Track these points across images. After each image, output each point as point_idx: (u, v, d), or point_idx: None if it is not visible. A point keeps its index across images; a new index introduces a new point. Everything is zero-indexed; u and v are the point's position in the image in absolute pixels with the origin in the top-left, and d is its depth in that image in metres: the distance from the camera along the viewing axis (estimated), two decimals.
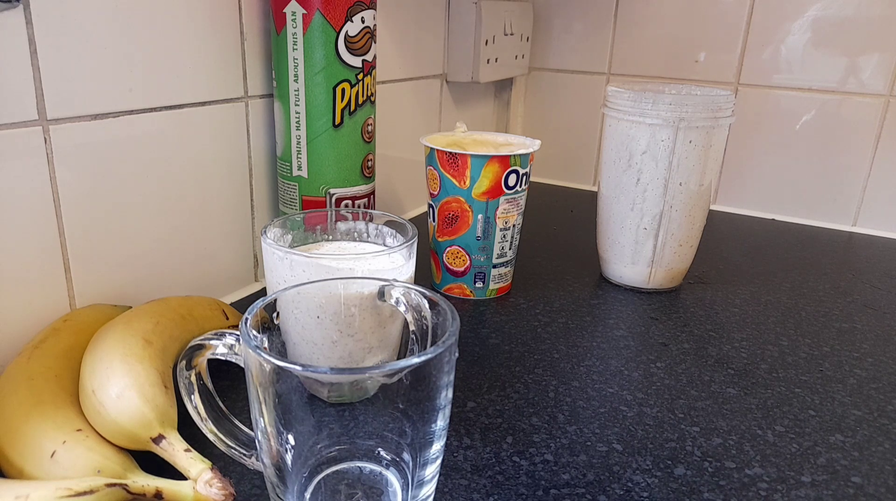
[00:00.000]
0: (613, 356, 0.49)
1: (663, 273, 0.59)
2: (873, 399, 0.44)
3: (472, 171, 0.52)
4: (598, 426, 0.40)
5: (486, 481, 0.35)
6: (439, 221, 0.56)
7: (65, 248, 0.42)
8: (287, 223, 0.42)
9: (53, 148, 0.41)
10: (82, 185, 0.43)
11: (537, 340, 0.50)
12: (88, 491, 0.28)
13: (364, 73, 0.52)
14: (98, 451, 0.32)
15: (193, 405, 0.32)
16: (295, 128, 0.52)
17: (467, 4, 0.77)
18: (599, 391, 0.44)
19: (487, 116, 0.94)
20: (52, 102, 0.40)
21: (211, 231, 0.53)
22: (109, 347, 0.35)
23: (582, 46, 0.91)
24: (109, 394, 0.33)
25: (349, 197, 0.54)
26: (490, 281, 0.57)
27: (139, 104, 0.45)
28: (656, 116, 0.53)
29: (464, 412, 0.41)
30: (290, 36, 0.50)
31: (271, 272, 0.38)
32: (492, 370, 0.46)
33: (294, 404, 0.28)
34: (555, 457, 0.37)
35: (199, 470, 0.31)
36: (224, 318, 0.44)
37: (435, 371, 0.28)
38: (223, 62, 0.51)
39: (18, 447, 0.31)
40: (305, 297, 0.33)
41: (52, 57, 0.40)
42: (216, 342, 0.30)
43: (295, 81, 0.51)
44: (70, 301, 0.43)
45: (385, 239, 0.43)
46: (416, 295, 0.33)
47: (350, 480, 0.31)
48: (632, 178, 0.56)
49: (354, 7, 0.50)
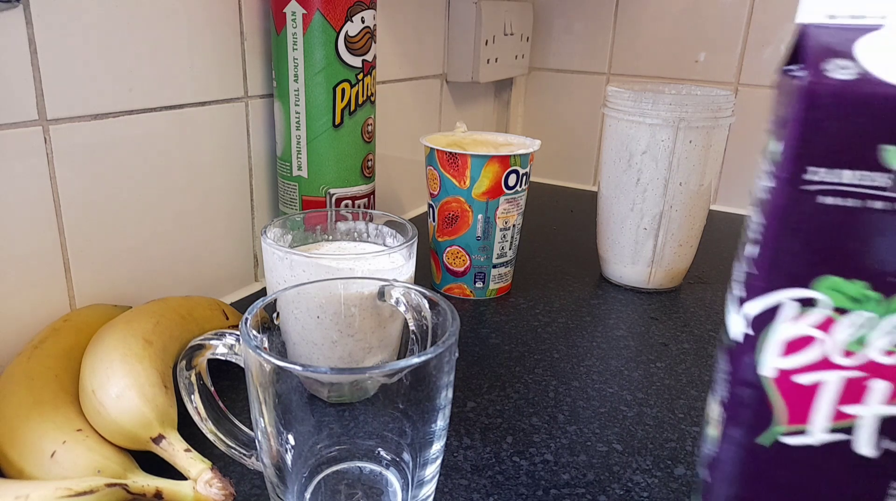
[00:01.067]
0: (613, 356, 0.49)
1: (663, 273, 0.59)
2: None
3: (472, 171, 0.52)
4: (599, 426, 0.40)
5: (486, 481, 0.35)
6: (439, 221, 0.56)
7: (65, 248, 0.43)
8: (287, 223, 0.42)
9: (53, 148, 0.41)
10: (82, 185, 0.43)
11: (537, 340, 0.51)
12: (88, 491, 0.28)
13: (364, 73, 0.52)
14: (98, 451, 0.32)
15: (193, 406, 0.32)
16: (295, 128, 0.52)
17: (467, 4, 0.77)
18: (599, 391, 0.44)
19: (487, 116, 0.94)
20: (52, 102, 0.40)
21: (211, 231, 0.53)
22: (109, 347, 0.35)
23: (582, 46, 0.91)
24: (109, 394, 0.33)
25: (349, 197, 0.54)
26: (490, 281, 0.57)
27: (139, 104, 0.45)
28: (656, 116, 0.53)
29: (464, 412, 0.41)
30: (290, 36, 0.50)
31: (271, 272, 0.38)
32: (492, 370, 0.46)
33: (294, 404, 0.28)
34: (555, 457, 0.37)
35: (199, 470, 0.31)
36: (224, 318, 0.44)
37: (435, 371, 0.28)
38: (223, 62, 0.51)
39: (18, 447, 0.31)
40: (305, 297, 0.33)
41: (52, 57, 0.40)
42: (216, 342, 0.30)
43: (295, 81, 0.51)
44: (70, 301, 0.44)
45: (385, 239, 0.43)
46: (416, 295, 0.33)
47: (350, 480, 0.31)
48: (632, 178, 0.56)
49: (354, 7, 0.50)
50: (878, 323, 0.24)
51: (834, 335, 0.25)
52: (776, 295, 0.25)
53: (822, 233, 0.24)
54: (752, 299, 0.26)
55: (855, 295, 0.24)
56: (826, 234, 0.24)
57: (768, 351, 0.26)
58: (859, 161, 0.22)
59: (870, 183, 0.22)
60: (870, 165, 0.22)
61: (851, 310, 0.24)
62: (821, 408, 0.26)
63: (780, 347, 0.25)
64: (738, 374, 0.27)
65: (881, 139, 0.22)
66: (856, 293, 0.24)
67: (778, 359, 0.26)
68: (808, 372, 0.25)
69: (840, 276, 0.24)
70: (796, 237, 0.24)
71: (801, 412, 0.26)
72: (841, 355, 0.25)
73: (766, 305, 0.25)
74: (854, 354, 0.25)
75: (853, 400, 0.25)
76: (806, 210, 0.24)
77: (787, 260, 0.25)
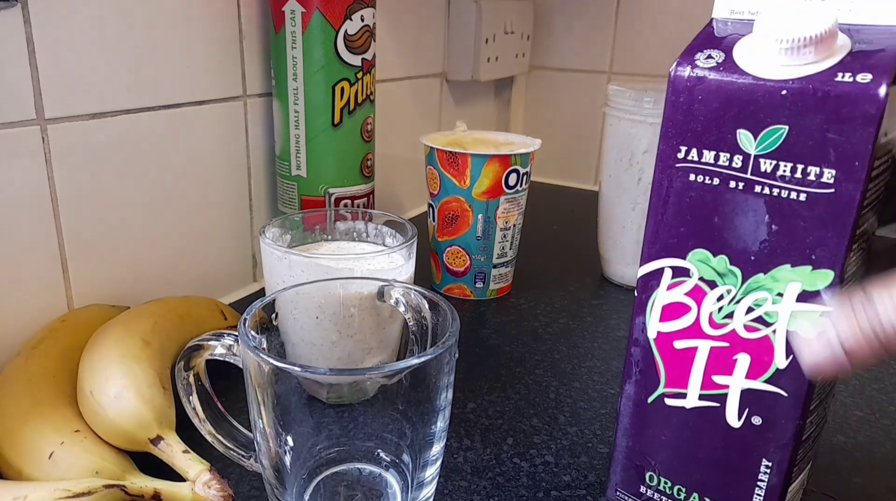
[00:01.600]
0: (615, 356, 0.48)
1: None
2: (875, 400, 0.44)
3: (473, 170, 0.52)
4: (600, 428, 0.40)
5: (487, 483, 0.35)
6: (439, 220, 0.56)
7: (62, 248, 0.42)
8: (286, 223, 0.42)
9: (51, 147, 0.40)
10: (80, 184, 0.42)
11: (538, 340, 0.50)
12: (86, 493, 0.28)
13: (363, 71, 0.52)
14: (96, 452, 0.31)
15: (192, 406, 0.32)
16: (294, 127, 0.52)
17: (467, 3, 0.77)
18: (601, 392, 0.44)
19: (488, 115, 0.94)
20: (50, 101, 0.40)
21: (209, 231, 0.53)
22: (107, 348, 0.35)
23: (583, 45, 0.90)
24: (108, 395, 0.33)
25: (348, 197, 0.54)
26: (490, 281, 0.56)
27: (137, 103, 0.45)
28: (658, 115, 0.53)
29: (464, 414, 0.41)
30: (289, 34, 0.50)
31: (270, 273, 0.38)
32: (492, 370, 0.46)
33: (293, 405, 0.28)
34: (556, 459, 0.37)
35: (198, 472, 0.31)
36: (222, 318, 0.44)
37: (435, 372, 0.27)
38: (222, 61, 0.51)
39: (16, 448, 0.31)
40: (304, 297, 0.33)
41: (50, 56, 0.39)
42: (214, 343, 0.30)
43: (294, 80, 0.51)
44: (68, 302, 0.43)
45: (384, 239, 0.43)
46: (416, 295, 0.32)
47: (349, 481, 0.31)
48: (633, 177, 0.56)
49: (354, 5, 0.50)
50: (741, 297, 0.26)
51: (703, 305, 0.27)
52: (657, 263, 0.28)
53: (692, 208, 0.26)
54: (642, 264, 0.28)
55: (719, 269, 0.26)
56: (696, 209, 0.26)
57: (653, 314, 0.28)
58: (720, 143, 0.25)
59: (728, 163, 0.25)
60: (728, 147, 0.25)
61: (717, 283, 0.26)
62: (695, 374, 0.28)
63: (660, 311, 0.28)
64: (632, 334, 0.29)
65: (737, 124, 0.24)
66: (720, 267, 0.26)
67: (659, 323, 0.28)
68: (683, 338, 0.28)
69: (708, 249, 0.26)
70: (672, 210, 0.27)
71: (680, 376, 0.28)
72: (709, 325, 0.27)
73: (650, 270, 0.28)
74: (721, 326, 0.27)
75: (723, 371, 0.27)
76: (679, 186, 0.26)
77: (665, 231, 0.27)
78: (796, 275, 0.24)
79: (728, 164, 0.25)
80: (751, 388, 0.27)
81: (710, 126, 0.25)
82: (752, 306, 0.26)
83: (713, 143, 0.25)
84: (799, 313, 0.25)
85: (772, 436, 0.27)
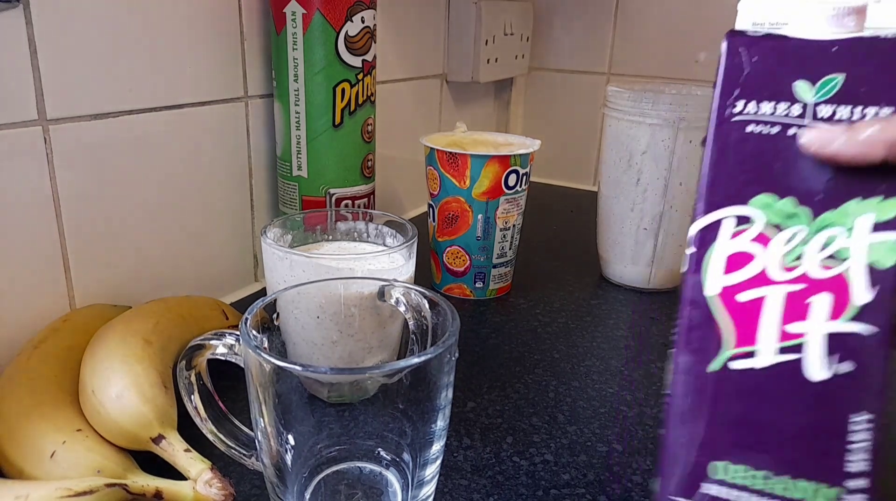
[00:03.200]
0: (614, 356, 0.49)
1: (663, 273, 0.59)
2: None
3: (472, 171, 0.52)
4: (599, 427, 0.40)
5: (486, 481, 0.35)
6: (439, 221, 0.56)
7: (64, 248, 0.42)
8: (287, 223, 0.42)
9: (53, 148, 0.41)
10: (82, 185, 0.43)
11: (537, 340, 0.50)
12: (88, 491, 0.28)
13: (364, 73, 0.52)
14: (98, 451, 0.32)
15: (193, 406, 0.32)
16: (295, 128, 0.52)
17: (467, 4, 0.77)
18: (600, 392, 0.44)
19: (487, 115, 0.94)
20: (52, 102, 0.40)
21: (211, 231, 0.53)
22: (109, 347, 0.35)
23: (582, 46, 0.91)
24: (109, 394, 0.33)
25: (349, 197, 0.54)
26: (490, 281, 0.57)
27: (139, 104, 0.45)
28: (656, 116, 0.53)
29: (464, 413, 0.41)
30: (290, 36, 0.50)
31: (271, 272, 0.38)
32: (492, 370, 0.46)
33: (294, 404, 0.28)
34: (555, 457, 0.37)
35: (199, 470, 0.31)
36: (224, 318, 0.44)
37: (435, 372, 0.28)
38: (223, 62, 0.51)
39: (18, 447, 0.31)
40: (305, 297, 0.33)
41: (52, 57, 0.39)
42: (216, 343, 0.30)
43: (295, 81, 0.51)
44: (70, 301, 0.43)
45: (385, 239, 0.43)
46: (416, 295, 0.32)
47: (350, 480, 0.31)
48: (632, 178, 0.56)
49: (354, 7, 0.50)
50: (811, 237, 0.26)
51: (771, 249, 0.26)
52: (716, 213, 0.27)
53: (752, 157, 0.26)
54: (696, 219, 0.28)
55: (787, 211, 0.26)
56: (756, 158, 0.26)
57: (712, 269, 0.27)
58: (777, 94, 0.26)
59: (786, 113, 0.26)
60: (787, 98, 0.26)
61: (785, 225, 0.26)
62: (767, 326, 0.26)
63: (723, 264, 0.27)
64: (687, 296, 0.28)
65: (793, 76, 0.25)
66: (788, 209, 0.26)
67: (721, 277, 0.27)
68: (750, 289, 0.27)
69: (772, 192, 0.26)
70: (730, 161, 0.27)
71: (749, 331, 0.27)
72: (780, 269, 0.26)
73: (708, 221, 0.27)
74: (793, 269, 0.26)
75: (798, 317, 0.26)
76: (737, 138, 0.27)
77: (723, 182, 0.27)
78: (868, 207, 0.25)
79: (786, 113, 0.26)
80: (834, 331, 0.25)
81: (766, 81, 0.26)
82: (825, 244, 0.25)
83: (771, 95, 0.26)
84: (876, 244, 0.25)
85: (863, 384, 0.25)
